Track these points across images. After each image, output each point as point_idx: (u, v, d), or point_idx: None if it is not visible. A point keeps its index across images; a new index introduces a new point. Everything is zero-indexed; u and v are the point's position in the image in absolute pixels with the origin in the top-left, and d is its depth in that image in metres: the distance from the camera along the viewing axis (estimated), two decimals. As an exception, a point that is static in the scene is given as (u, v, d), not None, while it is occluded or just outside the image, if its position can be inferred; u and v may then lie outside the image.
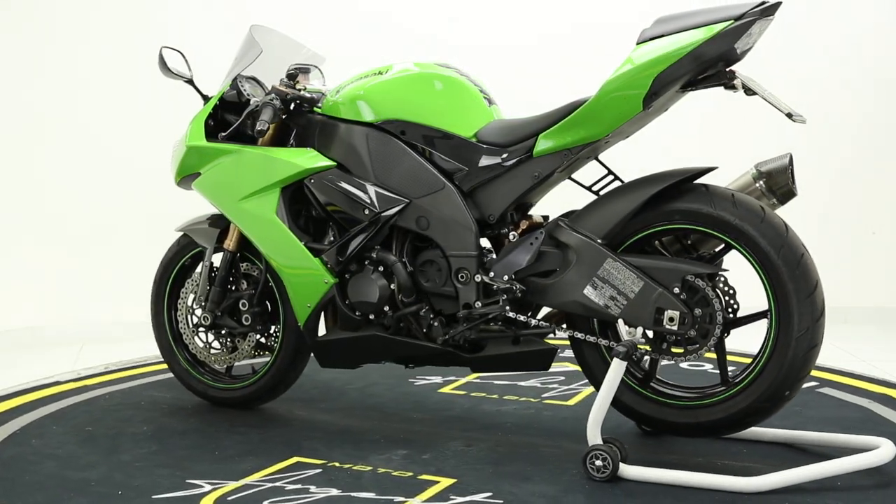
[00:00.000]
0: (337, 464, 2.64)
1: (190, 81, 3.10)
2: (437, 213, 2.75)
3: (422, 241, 2.84)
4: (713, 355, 2.58)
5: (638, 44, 2.51)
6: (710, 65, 2.47)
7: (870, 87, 4.74)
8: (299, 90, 2.98)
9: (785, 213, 2.55)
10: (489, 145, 2.73)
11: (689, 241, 2.68)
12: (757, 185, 2.66)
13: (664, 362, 2.61)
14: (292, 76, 3.02)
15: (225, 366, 3.26)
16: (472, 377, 3.63)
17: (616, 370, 2.50)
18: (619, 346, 2.48)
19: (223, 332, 3.16)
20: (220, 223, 3.16)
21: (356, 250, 2.81)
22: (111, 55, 4.62)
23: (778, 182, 2.65)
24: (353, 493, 2.41)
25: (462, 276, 2.73)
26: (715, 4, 2.51)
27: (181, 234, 3.28)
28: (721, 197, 2.52)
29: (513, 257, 2.68)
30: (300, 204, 2.98)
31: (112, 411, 3.22)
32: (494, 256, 2.77)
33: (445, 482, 2.48)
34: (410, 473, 2.55)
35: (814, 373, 3.49)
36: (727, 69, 2.50)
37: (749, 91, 2.49)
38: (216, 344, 3.23)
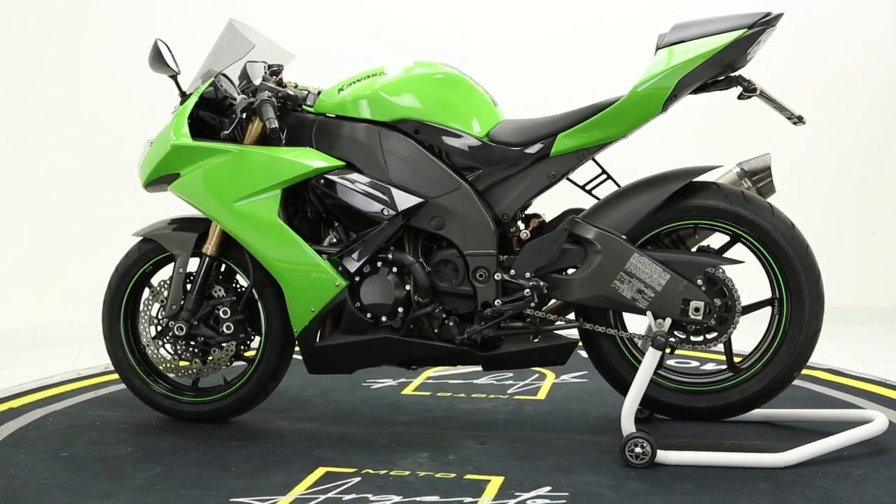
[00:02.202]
0: (370, 471, 2.57)
1: (174, 76, 2.89)
2: (454, 212, 2.74)
3: (431, 240, 2.82)
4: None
5: (658, 49, 2.64)
6: (724, 70, 2.63)
7: (870, 88, 4.73)
8: (286, 87, 2.87)
9: (786, 212, 2.75)
10: (503, 145, 2.76)
11: (676, 236, 2.84)
12: (742, 182, 2.86)
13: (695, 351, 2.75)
14: (276, 73, 2.91)
15: (193, 379, 3.06)
16: (423, 377, 3.63)
17: (651, 360, 2.61)
18: (658, 337, 2.59)
19: (196, 342, 2.97)
20: (196, 227, 2.97)
21: (375, 251, 2.75)
22: (113, 54, 4.58)
23: (762, 180, 2.85)
24: (416, 498, 2.36)
25: (480, 275, 2.74)
26: (719, 13, 2.68)
27: (140, 239, 3.06)
28: (733, 193, 2.69)
29: (536, 254, 2.72)
30: (294, 206, 2.87)
31: (72, 434, 2.94)
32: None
33: (496, 480, 2.48)
34: (454, 475, 2.53)
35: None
36: (735, 74, 2.67)
37: (753, 95, 2.67)
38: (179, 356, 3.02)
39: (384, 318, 2.78)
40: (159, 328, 3.01)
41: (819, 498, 2.33)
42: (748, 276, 2.84)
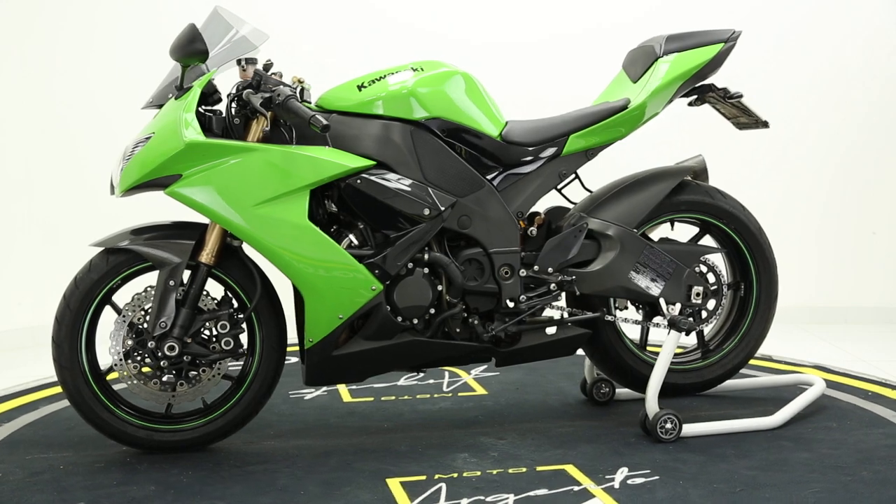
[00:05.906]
0: (441, 475, 2.52)
1: (188, 66, 2.54)
2: (481, 211, 2.76)
3: (451, 240, 2.81)
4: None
5: (657, 59, 2.88)
6: (706, 77, 2.95)
7: (869, 88, 4.71)
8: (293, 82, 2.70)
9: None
10: (517, 145, 2.83)
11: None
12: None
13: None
14: (268, 67, 2.72)
15: (168, 404, 2.74)
16: (343, 384, 3.52)
17: (673, 343, 2.83)
18: (683, 321, 2.82)
19: (182, 361, 2.66)
20: (188, 234, 2.66)
21: (416, 251, 2.67)
22: (119, 54, 4.53)
23: (701, 178, 3.20)
24: (528, 494, 2.38)
25: (505, 272, 2.79)
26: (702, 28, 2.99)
27: (101, 251, 2.67)
28: (713, 190, 3.02)
29: (558, 250, 2.82)
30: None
31: (49, 482, 2.49)
32: None
33: (569, 468, 2.56)
34: (525, 469, 2.57)
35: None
36: (708, 82, 2.99)
37: (734, 99, 3.00)
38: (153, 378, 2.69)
39: (415, 321, 2.72)
40: (133, 348, 2.65)
41: (839, 446, 2.72)
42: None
